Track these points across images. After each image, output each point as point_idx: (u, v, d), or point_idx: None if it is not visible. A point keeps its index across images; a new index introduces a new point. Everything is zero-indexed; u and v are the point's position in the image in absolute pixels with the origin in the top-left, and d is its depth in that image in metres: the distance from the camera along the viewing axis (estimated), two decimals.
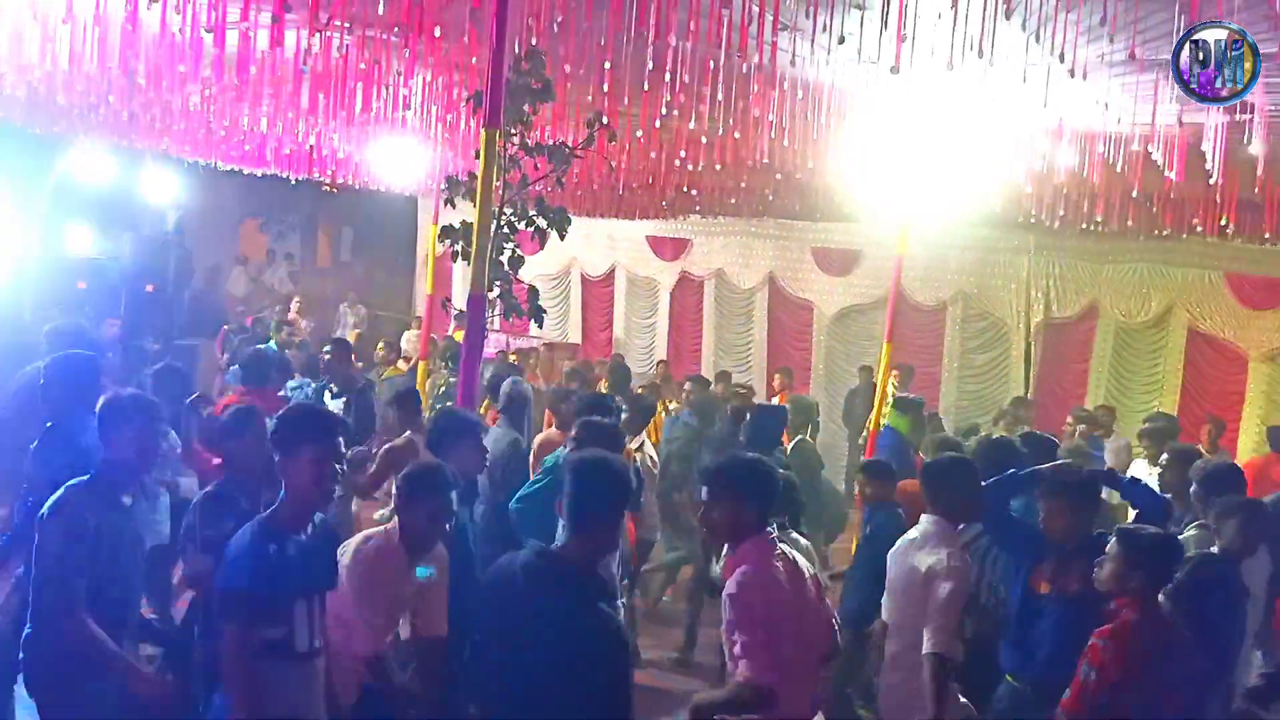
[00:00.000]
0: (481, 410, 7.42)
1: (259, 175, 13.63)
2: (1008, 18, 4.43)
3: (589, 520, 3.24)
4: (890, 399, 8.69)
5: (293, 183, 14.20)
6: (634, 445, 6.52)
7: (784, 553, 3.56)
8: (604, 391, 8.45)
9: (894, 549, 4.57)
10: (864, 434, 9.75)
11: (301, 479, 3.39)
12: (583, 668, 3.04)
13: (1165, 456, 6.30)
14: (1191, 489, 5.33)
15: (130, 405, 3.94)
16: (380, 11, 5.51)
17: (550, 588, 3.14)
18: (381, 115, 8.30)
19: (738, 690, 3.27)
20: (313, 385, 8.28)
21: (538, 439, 6.97)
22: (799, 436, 8.50)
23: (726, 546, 3.58)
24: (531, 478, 5.88)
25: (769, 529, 3.56)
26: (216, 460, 5.19)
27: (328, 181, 14.11)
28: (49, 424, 4.78)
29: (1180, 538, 4.79)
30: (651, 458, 7.15)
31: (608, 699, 3.09)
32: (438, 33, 5.90)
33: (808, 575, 3.60)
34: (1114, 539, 3.99)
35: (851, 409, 12.58)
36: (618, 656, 3.17)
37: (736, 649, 3.32)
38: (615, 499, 3.30)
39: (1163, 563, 3.89)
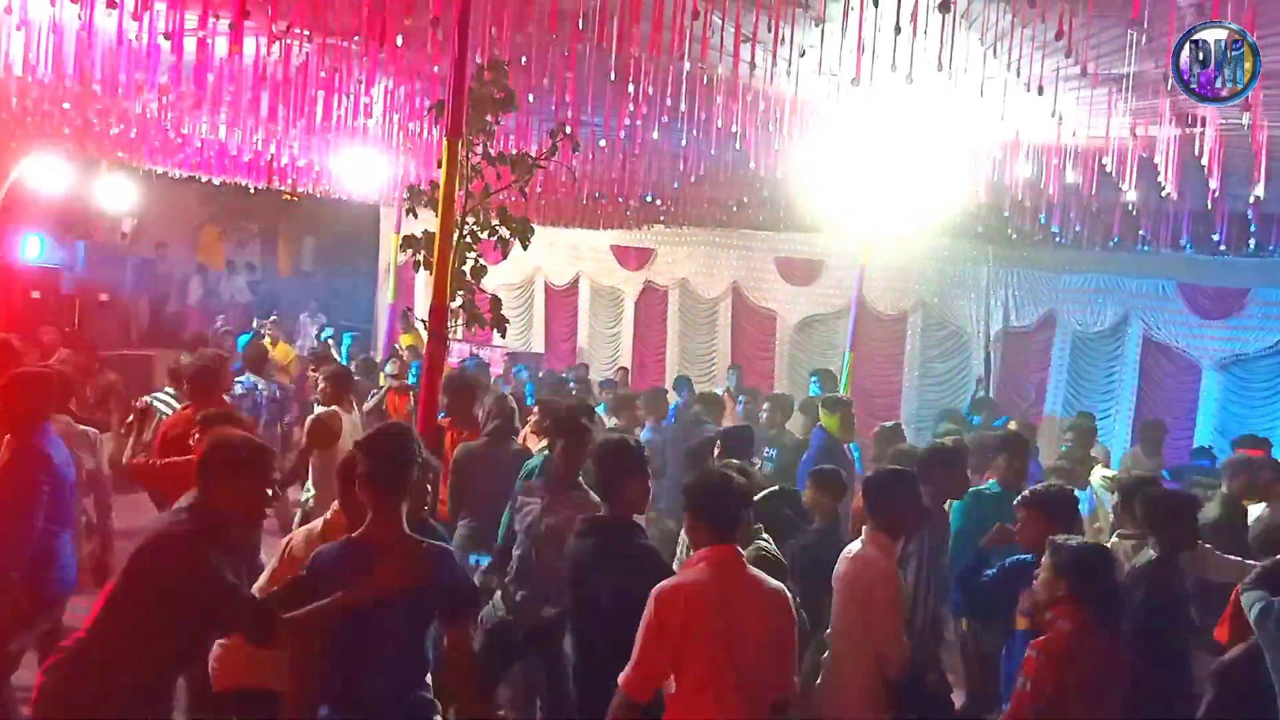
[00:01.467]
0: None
1: (218, 184, 13.49)
2: (968, 30, 4.49)
3: (614, 487, 4.12)
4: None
5: (252, 191, 14.06)
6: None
7: (748, 572, 3.61)
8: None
9: (837, 567, 4.53)
10: None
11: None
12: (633, 590, 3.69)
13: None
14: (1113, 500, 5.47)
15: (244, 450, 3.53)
16: (341, 19, 5.50)
17: (602, 536, 4.09)
18: (342, 124, 8.25)
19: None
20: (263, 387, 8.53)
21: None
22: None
23: None
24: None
25: (728, 541, 3.61)
26: None
27: (288, 190, 13.99)
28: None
29: (1109, 544, 4.93)
30: None
31: None
32: (399, 41, 5.88)
33: (771, 602, 3.60)
34: (1047, 550, 4.02)
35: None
36: (659, 573, 3.85)
37: None
38: (631, 468, 4.14)
39: (1089, 570, 3.86)
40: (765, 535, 4.69)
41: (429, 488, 4.60)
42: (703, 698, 3.45)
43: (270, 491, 3.70)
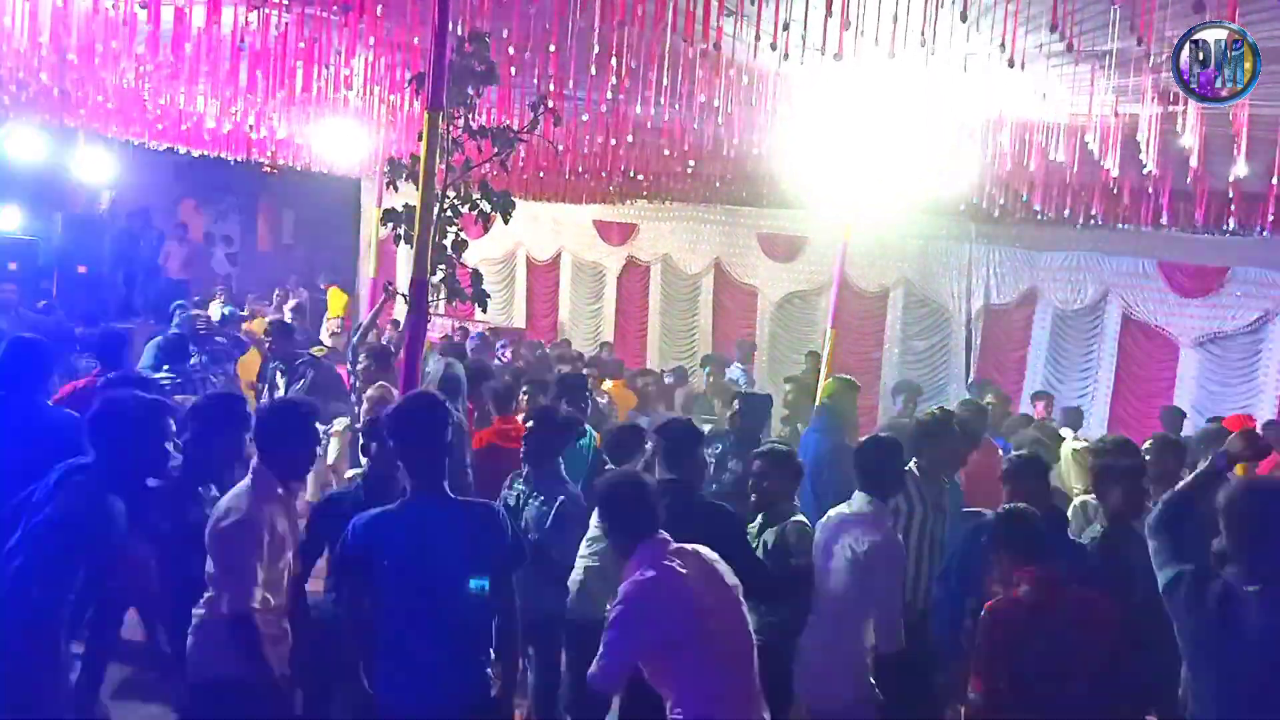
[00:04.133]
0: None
1: (196, 155, 13.37)
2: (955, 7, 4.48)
3: (687, 456, 4.64)
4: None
5: (231, 163, 13.94)
6: None
7: (691, 552, 3.67)
8: None
9: (825, 520, 4.66)
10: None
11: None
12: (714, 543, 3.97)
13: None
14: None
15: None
16: None
17: (675, 496, 4.28)
18: (322, 96, 8.17)
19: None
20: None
21: None
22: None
23: None
24: None
25: (656, 532, 3.67)
26: None
27: (268, 163, 13.87)
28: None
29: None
30: None
31: (735, 548, 4.22)
32: (379, 12, 5.82)
33: (726, 578, 3.69)
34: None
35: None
36: (730, 521, 4.60)
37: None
38: (698, 440, 4.83)
39: (1020, 539, 4.02)
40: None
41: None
42: (706, 682, 3.50)
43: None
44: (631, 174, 11.15)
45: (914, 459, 5.39)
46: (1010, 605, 3.96)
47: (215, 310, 12.15)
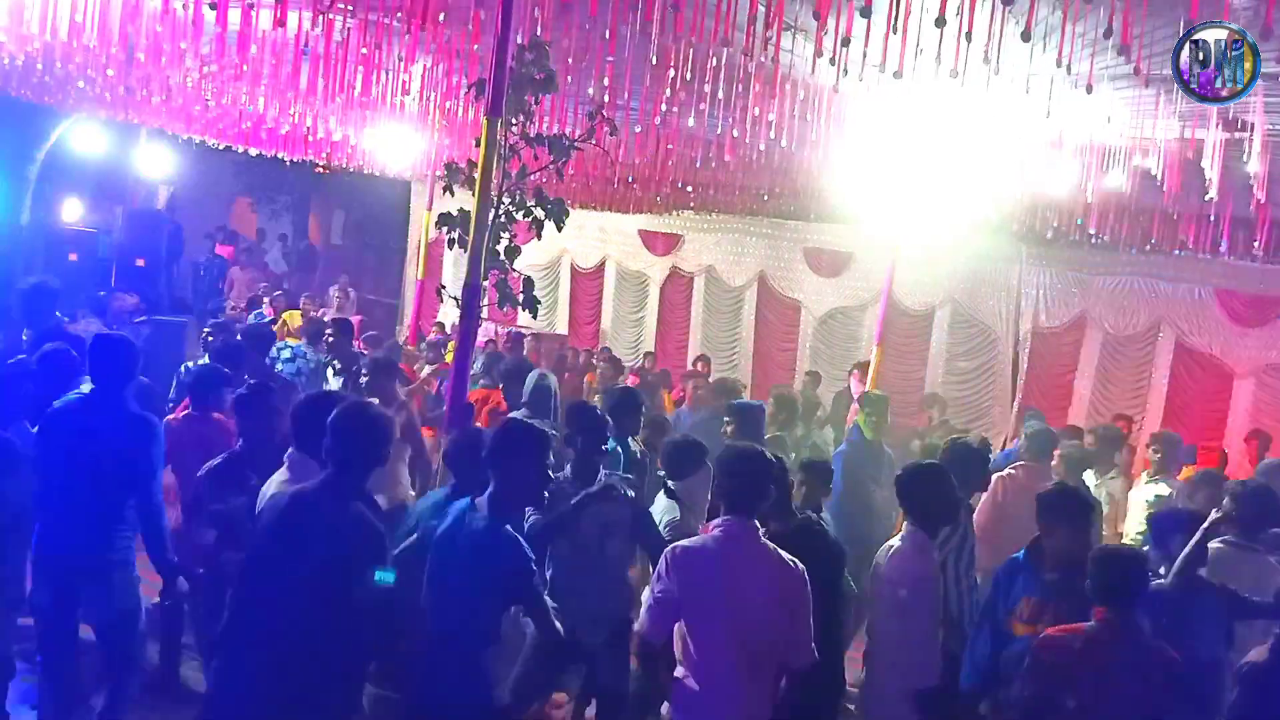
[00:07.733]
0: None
1: (253, 154, 13.59)
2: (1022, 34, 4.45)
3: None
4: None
5: (286, 163, 14.13)
6: None
7: (759, 544, 3.73)
8: None
9: (876, 560, 4.59)
10: None
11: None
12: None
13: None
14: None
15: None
16: None
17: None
18: (381, 100, 8.27)
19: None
20: (310, 356, 8.53)
21: None
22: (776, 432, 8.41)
23: None
24: None
25: (737, 514, 3.75)
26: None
27: (322, 163, 14.05)
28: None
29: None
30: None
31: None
32: (442, 19, 5.88)
33: (781, 574, 3.69)
34: None
35: (839, 410, 12.58)
36: (819, 541, 4.53)
37: None
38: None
39: (1099, 576, 3.91)
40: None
41: None
42: (705, 661, 3.63)
43: None
44: (680, 185, 11.16)
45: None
46: (1068, 636, 3.87)
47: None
